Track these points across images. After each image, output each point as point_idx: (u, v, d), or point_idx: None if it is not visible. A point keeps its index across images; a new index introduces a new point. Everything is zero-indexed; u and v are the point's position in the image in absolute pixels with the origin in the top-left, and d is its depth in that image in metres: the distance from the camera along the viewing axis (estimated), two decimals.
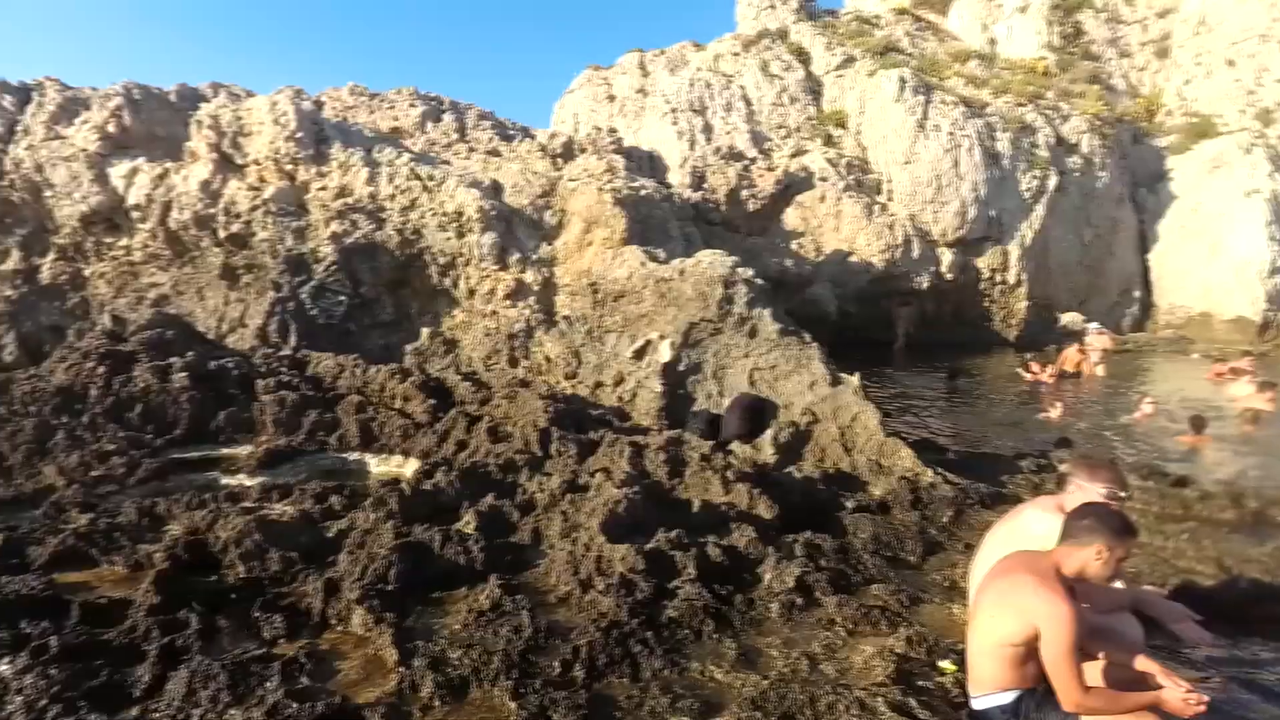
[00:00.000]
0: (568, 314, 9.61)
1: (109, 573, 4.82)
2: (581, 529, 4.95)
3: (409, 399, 8.19)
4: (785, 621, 4.31)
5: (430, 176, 10.94)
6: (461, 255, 10.58)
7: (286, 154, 11.62)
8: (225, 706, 3.41)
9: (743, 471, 6.28)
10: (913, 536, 5.53)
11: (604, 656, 3.73)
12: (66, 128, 13.54)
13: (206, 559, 4.78)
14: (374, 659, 3.84)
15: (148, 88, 13.67)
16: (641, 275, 8.89)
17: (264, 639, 3.98)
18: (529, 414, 7.15)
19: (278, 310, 10.91)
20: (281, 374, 8.77)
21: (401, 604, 4.24)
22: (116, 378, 8.22)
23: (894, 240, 20.04)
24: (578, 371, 9.21)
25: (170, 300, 12.86)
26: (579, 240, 9.99)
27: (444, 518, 5.29)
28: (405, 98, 17.62)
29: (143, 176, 12.71)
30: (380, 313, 11.34)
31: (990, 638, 2.88)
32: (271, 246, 11.63)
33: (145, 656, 3.72)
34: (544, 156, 11.83)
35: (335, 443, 7.57)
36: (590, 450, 6.54)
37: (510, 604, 4.15)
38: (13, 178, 13.79)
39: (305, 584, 4.49)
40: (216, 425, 7.86)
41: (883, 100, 21.80)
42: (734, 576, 4.72)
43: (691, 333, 8.60)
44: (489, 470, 6.08)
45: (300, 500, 5.80)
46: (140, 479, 6.49)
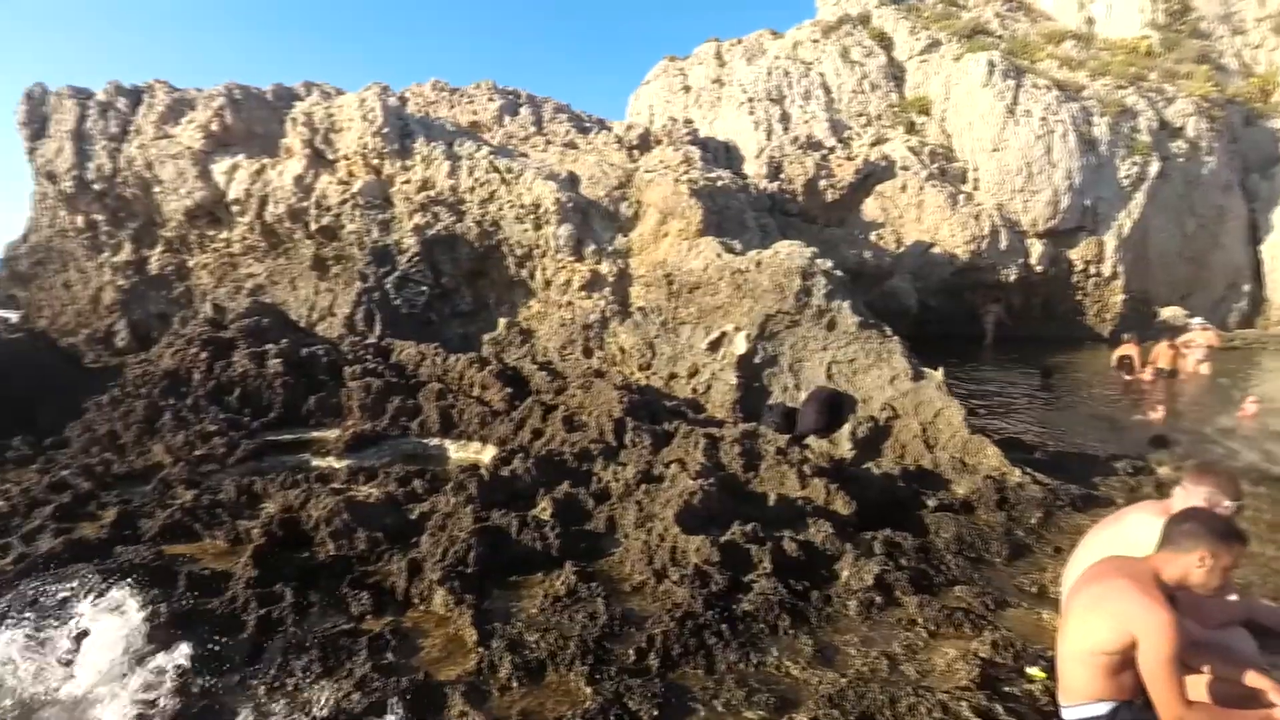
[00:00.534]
0: (642, 305, 9.61)
1: (211, 546, 5.12)
2: (656, 519, 4.94)
3: (487, 387, 8.37)
4: (863, 620, 4.20)
5: (508, 169, 11.12)
6: (538, 247, 10.72)
7: (373, 149, 12.03)
8: (317, 677, 3.57)
9: (819, 466, 6.14)
10: (998, 538, 5.29)
11: (679, 647, 3.71)
12: (174, 127, 14.43)
13: (299, 536, 5.01)
14: (454, 638, 3.94)
15: (247, 88, 14.42)
16: (717, 267, 8.79)
17: (352, 615, 4.15)
18: (604, 404, 7.19)
19: (364, 300, 11.33)
20: (367, 361, 9.10)
21: (480, 586, 4.34)
22: (217, 363, 8.72)
23: (980, 231, 19.20)
24: (652, 363, 9.20)
25: (266, 290, 13.57)
26: (654, 232, 9.96)
27: (521, 504, 5.39)
28: (484, 92, 17.97)
29: (242, 172, 13.41)
30: (459, 303, 11.63)
31: (1082, 644, 2.71)
32: (359, 238, 12.08)
33: (245, 626, 3.94)
34: (620, 148, 11.86)
35: (417, 428, 7.80)
36: (665, 441, 6.53)
37: (586, 591, 4.19)
38: (125, 175, 14.81)
39: (390, 564, 4.65)
40: (307, 409, 8.23)
41: (970, 85, 20.86)
42: (810, 572, 4.62)
43: (768, 325, 8.45)
44: (564, 458, 6.14)
45: (385, 483, 6.01)
46: (238, 459, 6.85)
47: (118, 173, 14.77)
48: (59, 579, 4.30)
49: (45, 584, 4.29)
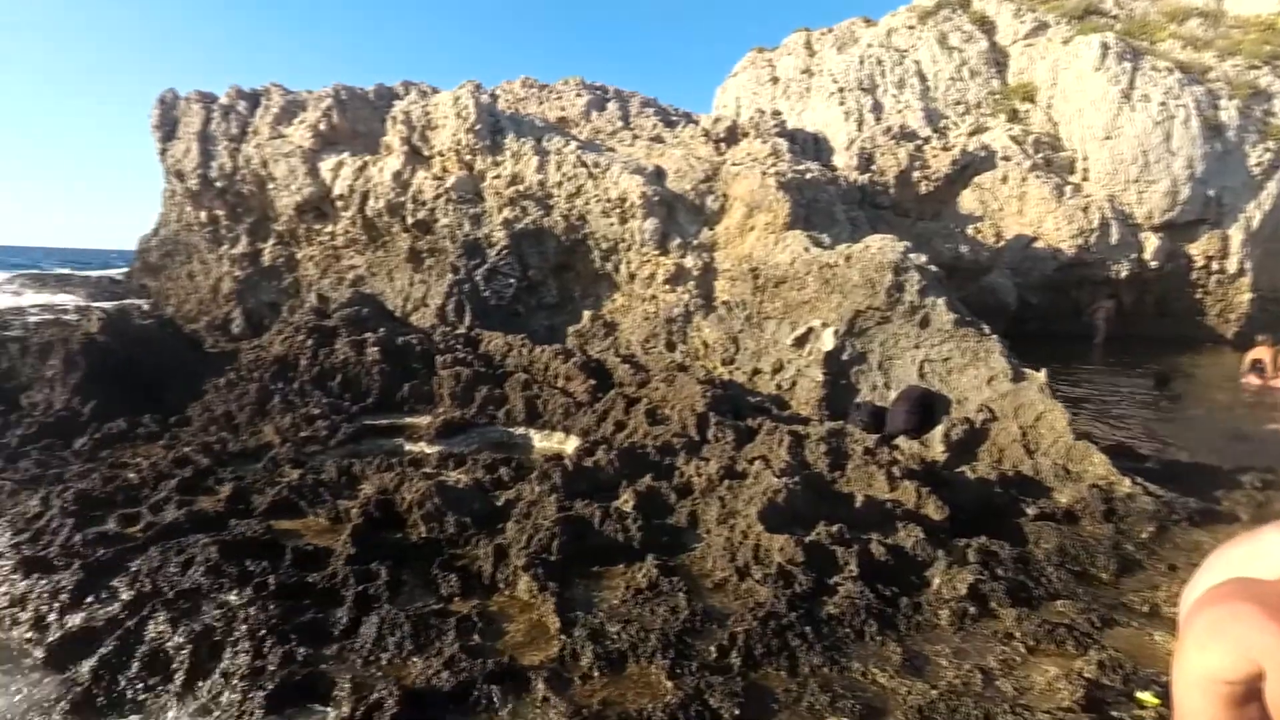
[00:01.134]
0: (727, 299, 9.52)
1: (314, 523, 5.41)
2: (739, 516, 4.89)
3: (571, 379, 8.50)
4: (956, 630, 4.02)
5: (595, 164, 11.23)
6: (623, 240, 10.79)
7: (466, 145, 12.40)
8: (409, 654, 3.72)
9: (910, 468, 5.93)
10: (1105, 551, 4.96)
11: (761, 646, 3.67)
12: (286, 127, 15.33)
13: (393, 517, 5.24)
14: (538, 624, 4.03)
15: (353, 89, 15.14)
16: (804, 261, 8.60)
17: (441, 595, 4.30)
18: (687, 398, 7.17)
19: (455, 291, 11.72)
20: (457, 351, 9.41)
21: (563, 575, 4.42)
22: (321, 350, 9.21)
23: (1088, 224, 18.03)
24: (735, 357, 9.11)
25: (365, 281, 14.25)
26: (740, 225, 9.84)
27: (603, 495, 5.44)
28: (572, 88, 18.23)
29: (346, 169, 14.12)
30: (545, 295, 11.85)
31: (1200, 671, 2.50)
32: (451, 232, 12.49)
33: (343, 601, 4.15)
34: (707, 141, 11.76)
35: (503, 417, 8.00)
36: (748, 437, 6.45)
37: (667, 585, 4.19)
38: (244, 173, 15.86)
39: (477, 548, 4.80)
40: (401, 396, 8.58)
41: (1080, 69, 19.59)
42: (899, 578, 4.47)
43: (857, 321, 8.21)
44: (647, 451, 6.16)
45: (473, 470, 6.20)
46: (339, 441, 7.22)
47: (237, 171, 15.84)
48: (180, 549, 4.64)
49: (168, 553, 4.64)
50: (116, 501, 5.48)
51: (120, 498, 5.54)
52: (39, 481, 5.89)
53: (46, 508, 5.22)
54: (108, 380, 8.10)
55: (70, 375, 8.03)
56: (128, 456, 6.69)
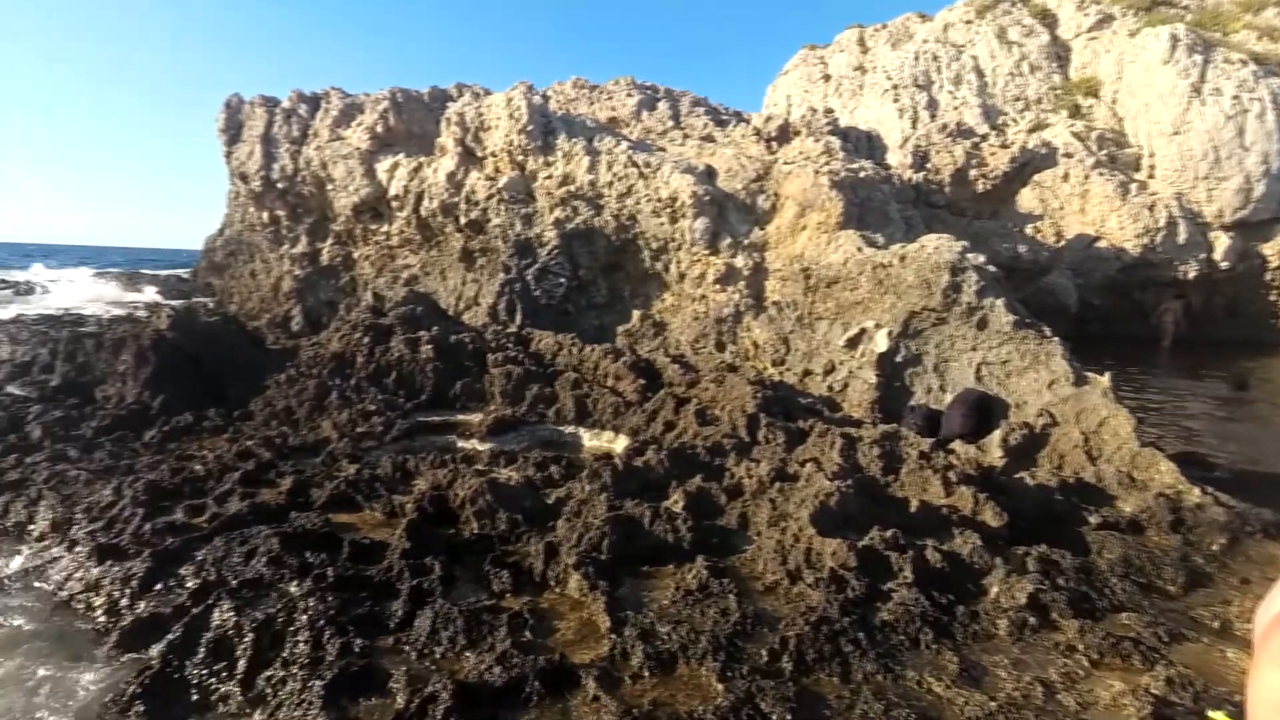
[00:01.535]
0: (777, 300, 9.41)
1: (370, 517, 5.53)
2: (790, 519, 4.82)
3: (620, 378, 8.51)
4: (1015, 641, 3.90)
5: (646, 164, 11.24)
6: (674, 240, 10.77)
7: (518, 146, 12.55)
8: (462, 648, 3.77)
9: (966, 473, 5.78)
10: (1173, 563, 4.75)
11: (813, 651, 3.61)
12: (345, 129, 15.76)
13: (446, 513, 5.32)
14: (588, 623, 4.04)
15: (408, 91, 15.48)
16: (857, 261, 8.44)
17: (493, 591, 4.35)
18: (737, 399, 7.12)
19: (506, 290, 11.87)
20: (508, 349, 9.52)
21: (613, 574, 4.42)
22: (377, 347, 9.42)
23: (1153, 223, 17.29)
24: (786, 358, 9.00)
25: (419, 280, 14.55)
26: (792, 225, 9.71)
27: (653, 495, 5.44)
28: (623, 88, 18.28)
29: (401, 170, 14.44)
30: (595, 294, 11.91)
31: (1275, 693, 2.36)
32: (503, 232, 12.66)
33: (398, 594, 4.22)
34: (758, 140, 11.65)
35: (553, 415, 8.06)
36: (799, 439, 6.37)
37: (717, 586, 4.16)
38: (304, 174, 16.36)
39: (528, 545, 4.84)
40: (454, 393, 8.72)
41: (1147, 62, 18.80)
42: (955, 585, 4.35)
43: (911, 322, 8.02)
44: (697, 452, 6.13)
45: (524, 467, 6.26)
46: (394, 437, 7.37)
47: (298, 172, 16.36)
48: (243, 539, 4.80)
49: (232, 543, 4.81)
50: (184, 492, 5.70)
51: (187, 489, 5.76)
52: (112, 472, 6.16)
53: (119, 497, 5.46)
54: (176, 375, 8.44)
55: (141, 370, 8.39)
56: (194, 449, 6.96)
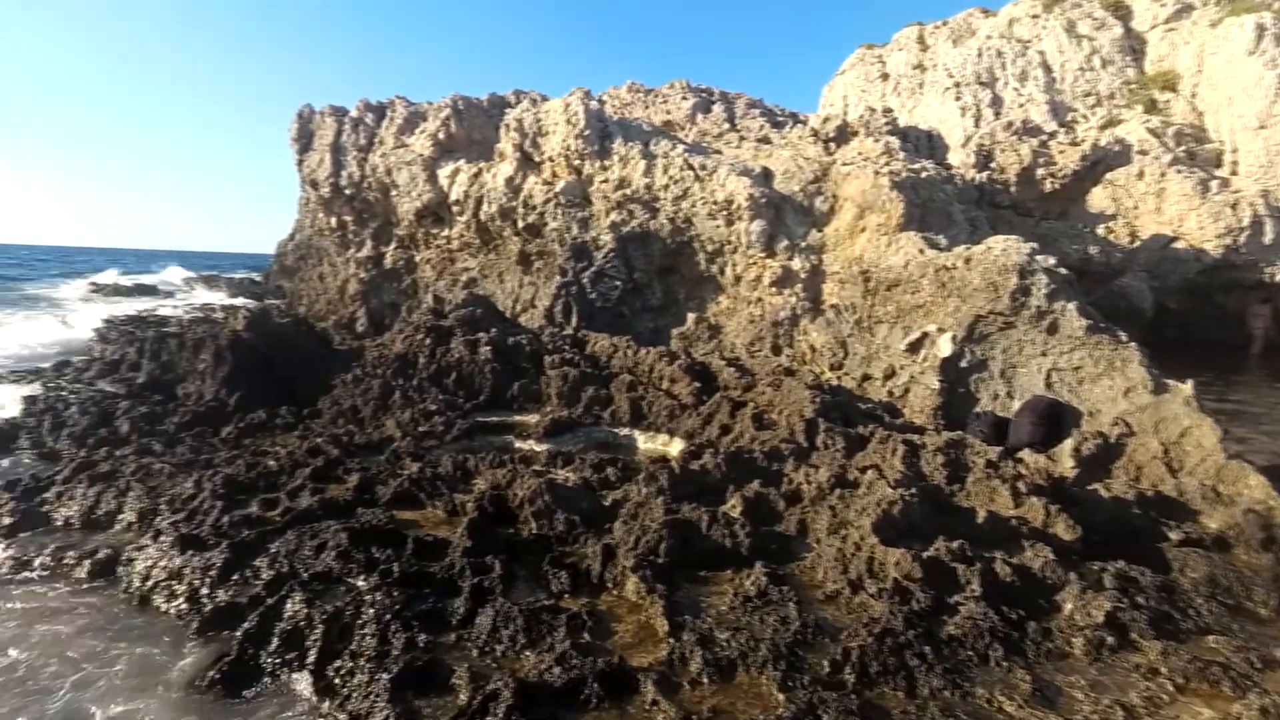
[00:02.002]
0: (835, 303, 9.25)
1: (432, 514, 5.66)
2: (851, 527, 4.73)
3: (675, 381, 8.51)
4: (1091, 661, 3.74)
5: (702, 166, 11.21)
6: (729, 243, 10.71)
7: (575, 150, 12.68)
8: (522, 647, 3.82)
9: (1036, 484, 5.57)
10: (1264, 584, 4.49)
11: (876, 664, 3.53)
12: (409, 137, 16.20)
13: (505, 512, 5.40)
14: (646, 626, 4.04)
15: (469, 99, 15.82)
16: (919, 263, 8.23)
17: (552, 592, 4.39)
18: (794, 403, 7.02)
19: (562, 293, 12.00)
20: (565, 351, 9.61)
21: (670, 577, 4.41)
22: (439, 349, 9.64)
23: (1236, 222, 16.35)
24: (844, 362, 8.85)
25: (477, 283, 14.84)
26: (851, 226, 9.54)
27: (710, 499, 5.41)
28: (678, 91, 18.29)
29: (462, 175, 14.76)
30: (650, 297, 11.94)
31: None
32: (559, 235, 12.81)
33: (460, 591, 4.30)
34: (815, 141, 11.49)
35: (609, 417, 8.11)
36: (859, 445, 6.25)
37: (777, 594, 4.11)
38: (370, 180, 16.88)
39: (585, 547, 4.87)
40: (511, 394, 8.85)
41: (1230, 54, 17.83)
42: (1026, 600, 4.20)
43: (977, 326, 7.78)
44: (754, 456, 6.07)
45: (581, 469, 6.30)
46: (454, 437, 7.53)
47: (364, 179, 16.89)
48: (314, 533, 4.96)
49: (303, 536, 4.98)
50: (258, 487, 5.94)
51: (261, 483, 6.01)
52: (192, 465, 6.46)
53: (199, 490, 5.73)
54: (250, 374, 8.81)
55: (219, 369, 8.78)
56: (267, 445, 7.25)
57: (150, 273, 41.62)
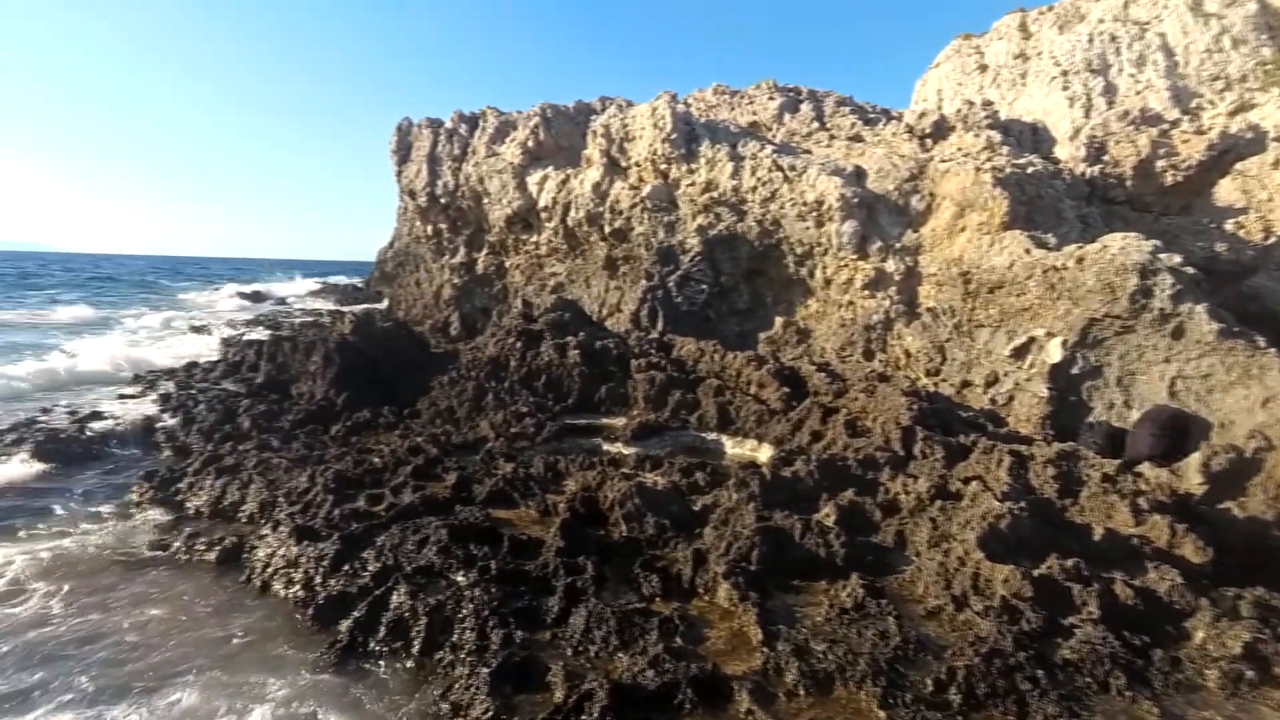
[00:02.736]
0: (932, 306, 8.89)
1: (525, 514, 5.80)
2: (954, 540, 4.53)
3: (764, 385, 8.39)
4: (1228, 696, 3.45)
5: (791, 167, 11.03)
6: (819, 245, 10.48)
7: (662, 154, 12.73)
8: (615, 649, 3.85)
9: (1159, 500, 5.18)
10: None
11: (984, 685, 3.36)
12: (499, 145, 16.70)
13: (596, 514, 5.47)
14: (739, 633, 4.00)
15: (557, 106, 16.17)
16: (1025, 264, 7.79)
17: (643, 595, 4.41)
18: (890, 410, 6.79)
19: (649, 297, 12.06)
20: (651, 355, 9.64)
21: (762, 585, 4.35)
22: (529, 352, 9.87)
23: None
24: (941, 368, 8.49)
25: (565, 288, 15.12)
26: (949, 226, 9.14)
27: (802, 506, 5.30)
28: (764, 91, 18.05)
29: (550, 182, 15.09)
30: (737, 301, 11.83)
31: None
32: (645, 239, 12.89)
33: (554, 590, 4.38)
34: (910, 138, 11.09)
35: (695, 422, 8.08)
36: (960, 455, 5.98)
37: (875, 607, 3.98)
38: (463, 189, 17.51)
39: (675, 551, 4.87)
40: (599, 397, 8.96)
41: None
42: (1150, 626, 3.91)
43: (1090, 330, 7.30)
44: (848, 464, 5.91)
45: (669, 473, 6.31)
46: (544, 438, 7.69)
47: (458, 188, 17.53)
48: (416, 529, 5.17)
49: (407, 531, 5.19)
50: (364, 482, 6.25)
51: (367, 479, 6.32)
52: (305, 461, 6.87)
53: (312, 484, 6.08)
54: (356, 375, 9.29)
55: (328, 370, 9.31)
56: (372, 443, 7.62)
57: (269, 280, 44.88)
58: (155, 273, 63.18)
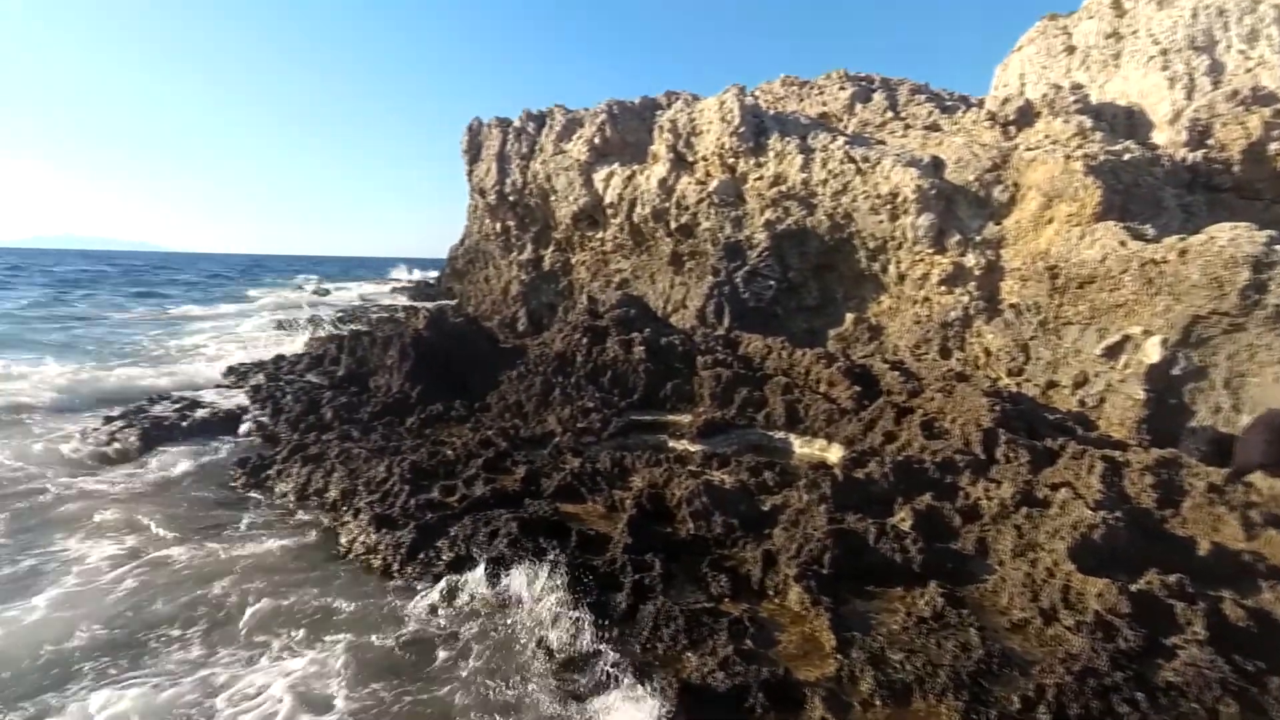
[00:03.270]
0: (1015, 302, 8.46)
1: (592, 509, 5.82)
2: (1042, 550, 4.29)
3: (834, 384, 8.18)
4: None
5: (865, 158, 10.70)
6: (893, 239, 10.14)
7: (729, 148, 12.57)
8: (684, 648, 3.81)
9: (1273, 513, 4.78)
10: None
11: (1077, 706, 3.17)
12: (566, 143, 16.83)
13: (662, 511, 5.44)
14: (810, 638, 3.90)
15: (623, 102, 16.18)
16: (1120, 257, 7.31)
17: (711, 594, 4.35)
18: (969, 411, 6.50)
19: (714, 293, 11.94)
20: (717, 352, 9.54)
21: (835, 589, 4.23)
22: (595, 348, 9.91)
23: None
24: (1025, 368, 8.08)
25: (630, 284, 15.13)
26: (1035, 218, 8.68)
27: (875, 509, 5.13)
28: (834, 81, 17.59)
29: (616, 179, 15.11)
30: (805, 297, 11.58)
31: None
32: (712, 235, 12.76)
33: (622, 586, 4.37)
34: (992, 125, 10.58)
35: (762, 420, 7.95)
36: (1047, 460, 5.66)
37: (955, 617, 3.81)
38: (531, 187, 17.73)
39: (744, 551, 4.79)
40: (664, 394, 8.92)
41: None
42: (1266, 650, 3.59)
43: (1194, 329, 6.80)
44: (925, 467, 5.69)
45: (737, 471, 6.22)
46: (610, 434, 7.70)
47: (526, 185, 17.77)
48: (487, 520, 5.25)
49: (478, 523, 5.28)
50: (438, 473, 6.40)
51: (441, 470, 6.46)
52: (383, 452, 7.08)
53: (390, 474, 6.26)
54: (430, 369, 9.53)
55: (404, 364, 9.58)
56: (444, 435, 7.80)
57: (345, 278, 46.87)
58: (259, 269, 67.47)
